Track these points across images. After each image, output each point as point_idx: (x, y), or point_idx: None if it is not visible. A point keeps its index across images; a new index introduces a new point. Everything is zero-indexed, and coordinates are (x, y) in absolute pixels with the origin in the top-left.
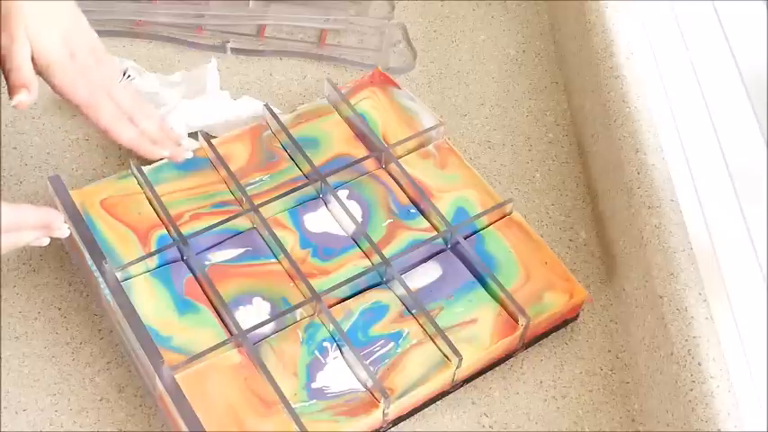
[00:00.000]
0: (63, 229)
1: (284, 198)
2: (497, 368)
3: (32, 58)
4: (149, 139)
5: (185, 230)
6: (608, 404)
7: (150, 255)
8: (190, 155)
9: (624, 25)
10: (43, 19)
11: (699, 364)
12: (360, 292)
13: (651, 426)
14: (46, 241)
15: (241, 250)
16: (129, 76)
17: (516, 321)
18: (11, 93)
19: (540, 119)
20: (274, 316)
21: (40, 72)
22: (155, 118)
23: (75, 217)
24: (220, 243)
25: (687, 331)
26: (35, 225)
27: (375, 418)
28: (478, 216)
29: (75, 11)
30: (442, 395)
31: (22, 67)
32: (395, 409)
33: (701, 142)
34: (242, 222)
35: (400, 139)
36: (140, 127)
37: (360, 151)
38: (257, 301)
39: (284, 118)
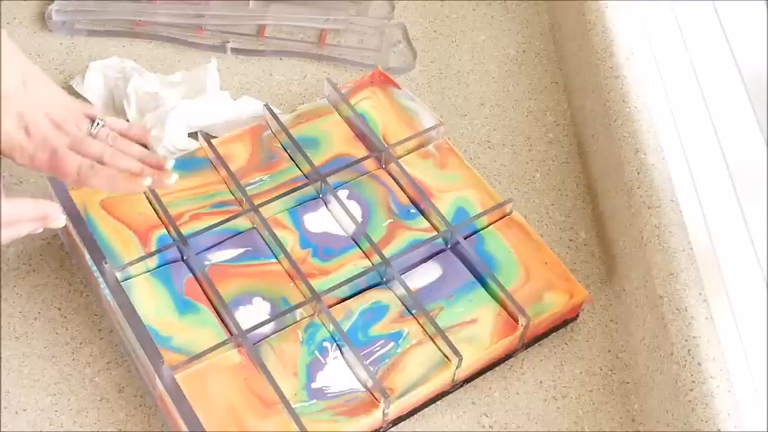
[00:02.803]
0: (60, 220)
1: (284, 198)
2: (497, 368)
3: None
4: (128, 174)
5: (185, 230)
6: (608, 404)
7: (150, 255)
8: (174, 178)
9: (624, 25)
10: None
11: (699, 364)
12: (360, 292)
13: (651, 426)
14: (41, 229)
15: (241, 250)
16: (99, 123)
17: (516, 321)
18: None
19: (540, 119)
20: (274, 316)
21: (2, 155)
22: (132, 151)
23: (76, 217)
24: (220, 243)
25: (687, 331)
26: (34, 218)
27: (375, 418)
28: (478, 216)
29: (26, 75)
30: (442, 395)
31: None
32: (395, 409)
33: (700, 142)
34: (242, 222)
35: (400, 139)
36: (115, 167)
37: (360, 151)
38: (257, 301)
39: (284, 118)
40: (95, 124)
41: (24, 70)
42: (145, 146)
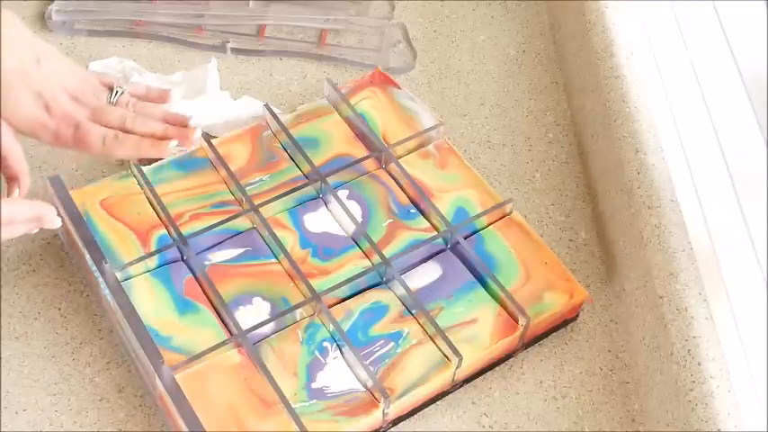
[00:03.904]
0: (55, 221)
1: (284, 198)
2: (497, 368)
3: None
4: (153, 140)
5: (185, 230)
6: (608, 404)
7: (150, 255)
8: (199, 133)
9: (624, 25)
10: (5, 92)
11: (699, 364)
12: (360, 292)
13: (651, 426)
14: (36, 230)
15: (241, 250)
16: (117, 91)
17: (516, 321)
18: (7, 185)
19: (540, 119)
20: (274, 316)
21: (27, 135)
22: (155, 114)
23: (75, 217)
24: (220, 243)
25: (687, 331)
26: (29, 219)
27: (375, 418)
28: (478, 216)
29: (38, 54)
30: (442, 395)
31: (7, 158)
32: (395, 409)
33: (700, 142)
34: (242, 222)
35: (400, 139)
36: (139, 132)
37: (360, 151)
38: (257, 301)
39: (284, 118)
40: (114, 93)
41: (35, 48)
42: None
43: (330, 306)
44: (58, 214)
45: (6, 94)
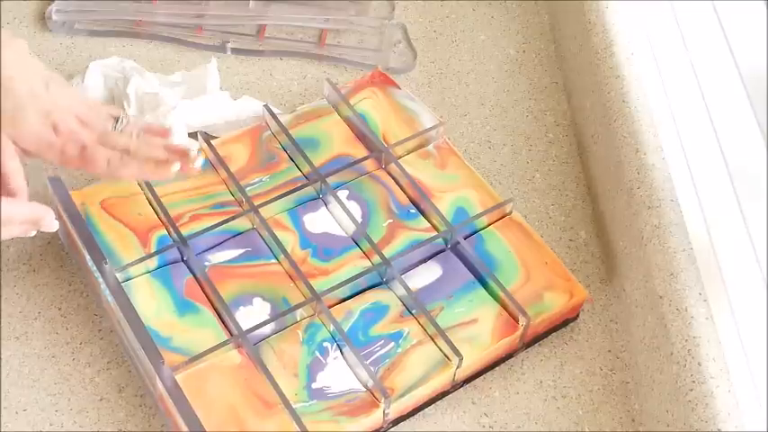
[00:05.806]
0: (53, 225)
1: (284, 198)
2: (497, 368)
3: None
4: (156, 163)
5: (185, 231)
6: (608, 404)
7: (150, 255)
8: (200, 162)
9: (624, 25)
10: (15, 111)
11: (699, 364)
12: (360, 292)
13: (651, 426)
14: (33, 233)
15: (241, 251)
16: (123, 120)
17: (516, 321)
18: None
19: (540, 119)
20: (275, 316)
21: (33, 155)
22: (156, 140)
23: (76, 218)
24: (220, 244)
25: (687, 331)
26: (24, 220)
27: (376, 418)
28: (478, 216)
29: (47, 79)
30: (442, 395)
31: (7, 175)
32: (395, 409)
33: (700, 142)
34: (242, 223)
35: (400, 139)
36: (142, 157)
37: (360, 151)
38: (257, 301)
39: (284, 118)
40: (120, 121)
41: (44, 74)
42: None
43: (330, 306)
44: (57, 217)
45: (15, 114)
